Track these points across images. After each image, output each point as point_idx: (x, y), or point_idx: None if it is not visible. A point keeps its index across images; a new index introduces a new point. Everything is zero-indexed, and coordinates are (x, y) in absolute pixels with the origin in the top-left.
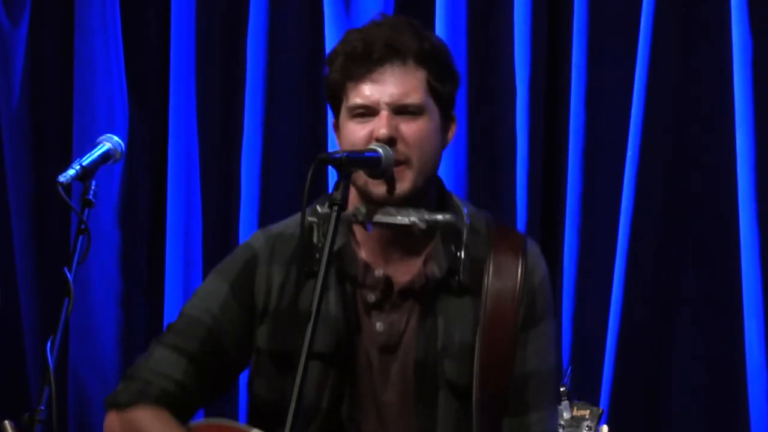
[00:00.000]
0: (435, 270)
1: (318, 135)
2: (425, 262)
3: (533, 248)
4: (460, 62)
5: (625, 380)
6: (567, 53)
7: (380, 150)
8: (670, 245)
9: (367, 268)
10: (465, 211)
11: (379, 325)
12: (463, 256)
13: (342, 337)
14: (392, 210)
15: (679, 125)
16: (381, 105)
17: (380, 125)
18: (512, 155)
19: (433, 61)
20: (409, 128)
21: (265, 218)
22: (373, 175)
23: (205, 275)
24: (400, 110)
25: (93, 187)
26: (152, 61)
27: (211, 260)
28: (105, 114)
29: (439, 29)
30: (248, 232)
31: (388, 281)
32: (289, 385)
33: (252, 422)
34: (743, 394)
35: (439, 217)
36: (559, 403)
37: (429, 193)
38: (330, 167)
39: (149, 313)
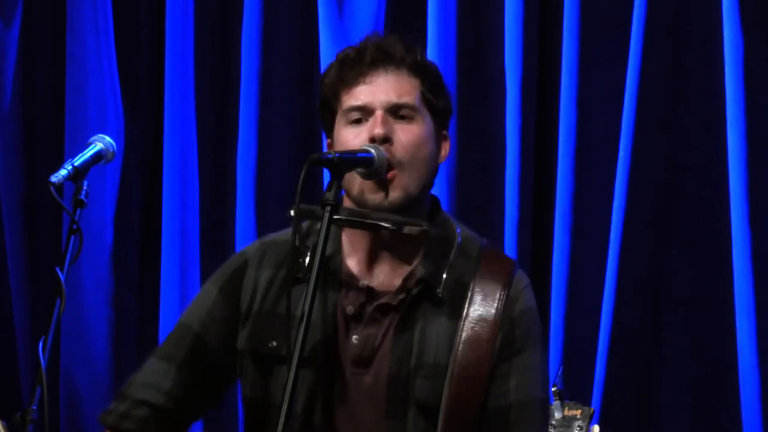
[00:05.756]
0: (415, 286)
1: (312, 135)
2: (407, 278)
3: (521, 279)
4: (451, 62)
5: (617, 380)
6: (558, 53)
7: (373, 150)
8: (662, 244)
9: (352, 279)
10: (458, 231)
11: (354, 338)
12: (446, 275)
13: (317, 345)
14: (367, 212)
15: (670, 125)
16: (375, 105)
17: (375, 125)
18: (503, 156)
19: (426, 74)
20: (403, 131)
21: (261, 218)
22: (367, 175)
23: (202, 276)
24: (394, 110)
25: (85, 188)
26: (144, 61)
27: (207, 261)
28: (97, 114)
29: (431, 29)
30: (244, 233)
31: (369, 294)
32: (270, 387)
33: (244, 424)
34: (735, 394)
35: (415, 222)
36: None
37: (422, 207)
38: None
39: (141, 313)
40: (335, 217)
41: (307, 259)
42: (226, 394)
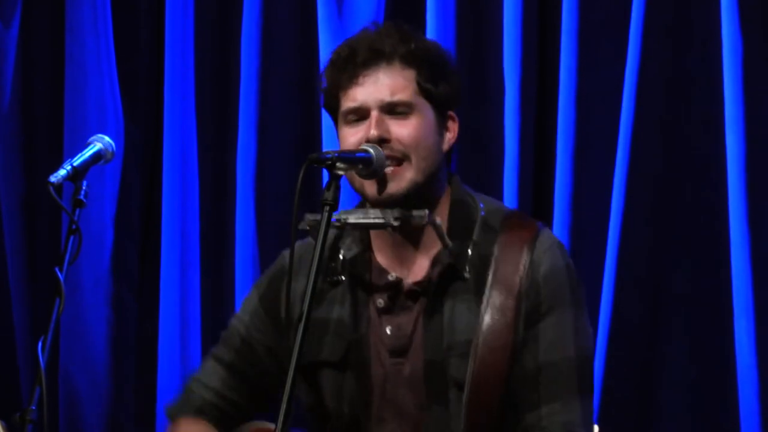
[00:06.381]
0: (439, 270)
1: (312, 135)
2: (434, 263)
3: (545, 240)
4: None
5: (616, 380)
6: (557, 53)
7: (371, 150)
8: (661, 244)
9: (382, 273)
10: (481, 205)
11: (388, 329)
12: (471, 253)
13: (353, 343)
14: (370, 211)
15: (669, 125)
16: (370, 105)
17: (370, 126)
18: (501, 156)
19: (422, 62)
20: (400, 127)
21: (261, 218)
22: (366, 175)
23: (202, 276)
24: (388, 109)
25: (84, 188)
26: (144, 61)
27: (207, 261)
28: (96, 114)
29: (430, 29)
30: (244, 233)
31: (399, 284)
32: (322, 392)
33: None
34: (733, 393)
35: (414, 213)
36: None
37: (431, 192)
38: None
39: (140, 313)
40: (350, 221)
41: (339, 263)
42: (275, 398)
